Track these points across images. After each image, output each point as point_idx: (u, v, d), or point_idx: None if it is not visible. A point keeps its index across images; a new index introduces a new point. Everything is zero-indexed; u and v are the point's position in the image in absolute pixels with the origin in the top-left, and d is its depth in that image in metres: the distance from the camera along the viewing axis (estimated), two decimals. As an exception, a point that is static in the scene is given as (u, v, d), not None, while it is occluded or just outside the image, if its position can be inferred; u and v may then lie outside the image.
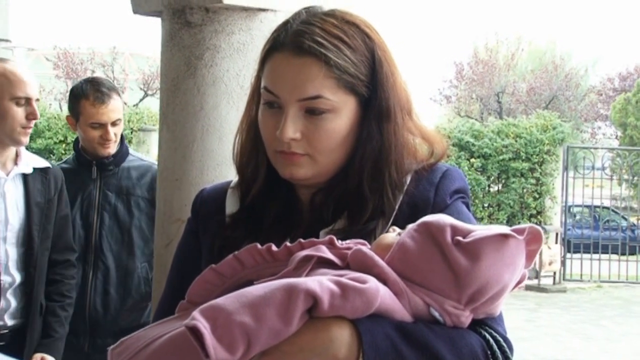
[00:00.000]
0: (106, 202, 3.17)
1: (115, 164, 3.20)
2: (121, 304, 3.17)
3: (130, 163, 3.26)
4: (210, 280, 1.18)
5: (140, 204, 3.21)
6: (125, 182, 3.21)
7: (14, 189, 2.77)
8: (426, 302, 1.10)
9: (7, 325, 2.75)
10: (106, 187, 3.19)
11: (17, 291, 2.77)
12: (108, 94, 3.11)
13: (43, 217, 2.82)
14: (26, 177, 2.80)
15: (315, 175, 1.31)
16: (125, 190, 3.20)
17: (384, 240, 1.17)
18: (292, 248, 1.16)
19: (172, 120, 2.29)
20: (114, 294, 3.16)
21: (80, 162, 3.22)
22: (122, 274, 3.17)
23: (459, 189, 1.35)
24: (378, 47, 1.31)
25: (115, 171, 3.21)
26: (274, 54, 1.29)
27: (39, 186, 2.83)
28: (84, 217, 3.15)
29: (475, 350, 1.13)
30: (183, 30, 2.25)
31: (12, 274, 2.74)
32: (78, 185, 3.17)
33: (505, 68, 24.50)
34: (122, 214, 3.18)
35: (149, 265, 3.21)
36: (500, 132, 14.24)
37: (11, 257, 2.74)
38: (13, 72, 2.68)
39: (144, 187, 3.22)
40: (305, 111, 1.27)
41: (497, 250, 1.10)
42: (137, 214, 3.20)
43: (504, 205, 14.06)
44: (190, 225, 1.46)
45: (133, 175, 3.23)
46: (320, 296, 1.03)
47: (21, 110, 2.68)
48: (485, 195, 14.21)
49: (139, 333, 1.15)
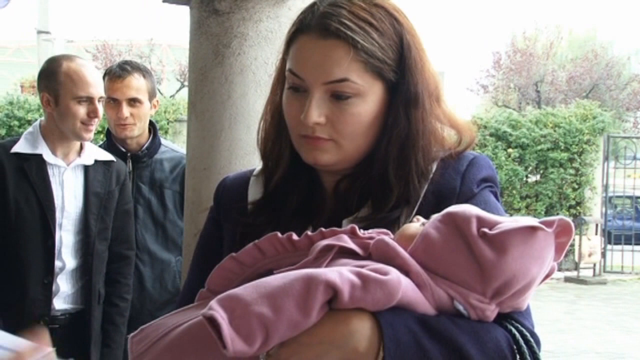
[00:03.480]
0: (140, 196, 3.16)
1: (149, 155, 3.19)
2: (158, 298, 3.17)
3: (163, 155, 3.23)
4: (230, 269, 1.16)
5: (173, 197, 3.19)
6: (158, 175, 3.19)
7: (73, 178, 2.87)
8: (450, 294, 1.07)
9: (59, 308, 2.84)
10: (139, 179, 3.17)
11: (71, 277, 2.85)
12: (129, 71, 3.12)
13: (101, 207, 2.91)
14: (87, 168, 2.90)
15: (340, 161, 1.28)
16: (158, 182, 3.18)
17: (408, 231, 1.13)
18: (313, 237, 1.14)
19: (200, 109, 2.27)
20: (150, 288, 3.15)
21: (113, 153, 3.16)
22: (158, 269, 3.17)
23: (487, 178, 1.30)
24: (407, 31, 1.28)
25: (149, 163, 3.19)
26: (300, 36, 1.27)
27: (100, 177, 2.92)
28: None
29: (501, 345, 1.09)
30: (211, 19, 2.23)
31: (64, 259, 2.82)
32: None
33: (544, 57, 24.13)
34: (156, 208, 3.17)
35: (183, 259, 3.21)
36: (538, 121, 14.03)
37: (65, 244, 2.83)
38: (77, 72, 2.80)
39: (177, 180, 3.19)
40: (330, 95, 1.24)
41: (525, 242, 1.06)
42: (170, 207, 3.18)
43: (542, 196, 13.87)
44: (213, 213, 1.45)
45: (166, 167, 3.21)
46: (340, 287, 1.00)
47: (82, 108, 2.79)
48: (523, 186, 14.02)
49: (158, 321, 1.14)
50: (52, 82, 2.81)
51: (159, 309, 3.15)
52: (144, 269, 3.15)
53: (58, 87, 2.79)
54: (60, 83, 2.79)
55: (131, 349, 1.13)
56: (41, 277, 2.77)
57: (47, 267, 2.78)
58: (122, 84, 3.09)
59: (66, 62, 2.83)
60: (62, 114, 2.80)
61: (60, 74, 2.80)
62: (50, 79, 2.81)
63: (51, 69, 2.83)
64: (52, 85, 2.80)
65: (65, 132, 2.82)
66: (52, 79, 2.81)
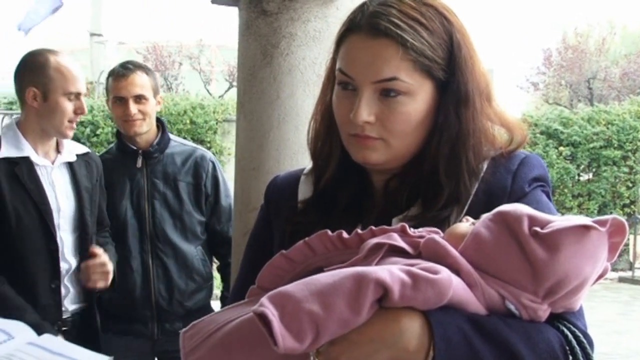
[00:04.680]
0: (155, 191, 3.20)
1: (160, 151, 3.22)
2: (185, 288, 3.21)
3: (173, 149, 3.27)
4: (280, 266, 1.17)
5: (187, 189, 3.23)
6: (170, 169, 3.22)
7: (61, 177, 2.83)
8: (501, 294, 1.06)
9: (68, 310, 2.82)
10: (153, 175, 3.21)
11: (75, 276, 2.83)
12: (132, 70, 3.14)
13: (92, 201, 2.90)
14: (71, 165, 2.87)
15: (389, 159, 1.28)
16: (171, 176, 3.22)
17: (457, 230, 1.13)
18: (363, 235, 1.14)
19: (248, 109, 2.30)
20: (177, 279, 3.19)
21: (124, 152, 3.23)
22: (181, 259, 3.21)
23: (539, 177, 1.29)
24: (456, 30, 1.28)
25: (160, 158, 3.22)
26: (350, 35, 1.28)
27: (84, 172, 2.90)
28: (134, 206, 3.18)
29: (553, 346, 1.07)
30: (259, 19, 2.25)
31: (68, 260, 2.81)
32: (125, 175, 3.20)
33: (596, 53, 23.65)
34: (172, 201, 3.21)
35: (202, 247, 3.26)
36: (590, 119, 13.76)
37: (66, 244, 2.80)
38: (67, 67, 2.73)
39: (188, 172, 3.23)
40: (380, 94, 1.25)
41: (578, 242, 1.04)
42: (185, 199, 3.22)
43: (594, 195, 13.61)
44: (263, 212, 1.47)
45: (177, 160, 3.24)
46: (390, 286, 1.00)
47: (71, 105, 2.73)
48: (575, 185, 13.78)
49: (210, 317, 1.16)
50: (40, 77, 2.70)
51: (187, 299, 3.21)
52: (168, 261, 3.20)
53: (47, 81, 2.69)
54: (50, 78, 2.70)
55: (183, 344, 1.14)
56: (48, 282, 2.72)
57: (53, 271, 2.73)
58: (127, 82, 3.13)
59: (53, 56, 2.73)
60: (51, 110, 2.70)
61: (49, 68, 2.70)
62: (38, 73, 2.70)
63: (38, 63, 2.71)
64: (41, 80, 2.69)
65: (48, 129, 2.74)
66: (40, 73, 2.70)
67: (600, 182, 13.61)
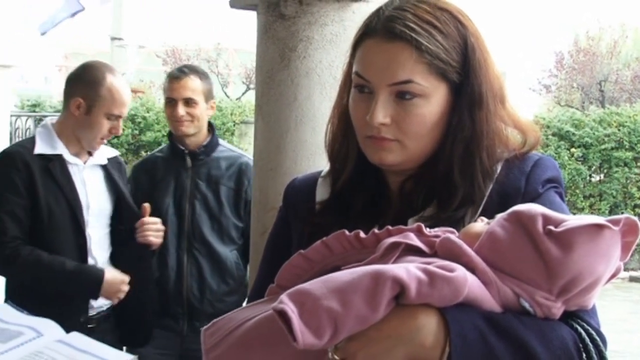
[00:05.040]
0: (197, 191, 3.24)
1: (206, 153, 3.26)
2: (217, 289, 3.23)
3: (220, 153, 3.31)
4: (298, 265, 1.17)
5: (227, 193, 3.26)
6: (215, 172, 3.26)
7: (92, 176, 2.91)
8: (516, 292, 1.06)
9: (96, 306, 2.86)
10: (197, 176, 3.25)
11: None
12: (185, 73, 3.21)
13: (122, 200, 2.97)
14: (104, 166, 2.96)
15: (405, 161, 1.28)
16: (214, 179, 3.25)
17: (473, 229, 1.13)
18: (380, 235, 1.14)
19: (266, 111, 2.30)
20: (209, 279, 3.21)
21: (173, 151, 3.30)
22: (215, 261, 3.23)
23: (552, 178, 1.29)
24: (471, 34, 1.28)
25: (206, 161, 3.26)
26: (366, 39, 1.28)
27: (117, 173, 2.99)
28: (176, 204, 3.23)
29: (567, 343, 1.07)
30: (277, 23, 2.26)
31: (95, 255, 2.86)
32: (171, 173, 3.26)
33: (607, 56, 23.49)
34: (212, 203, 3.24)
35: (238, 252, 3.27)
36: (602, 121, 13.66)
37: (94, 240, 2.86)
38: (118, 91, 2.82)
39: (231, 178, 3.27)
40: (395, 96, 1.25)
41: (591, 240, 1.04)
42: (225, 202, 3.25)
43: (606, 195, 13.51)
44: (282, 213, 1.47)
45: (222, 165, 3.28)
46: (407, 283, 1.00)
47: (108, 124, 2.83)
48: (587, 185, 13.69)
49: (230, 315, 1.16)
50: (90, 91, 2.80)
51: (218, 300, 3.22)
52: (202, 261, 3.22)
53: (96, 98, 2.79)
54: (100, 96, 2.80)
55: (204, 341, 1.15)
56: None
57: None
58: (179, 84, 3.19)
59: (110, 76, 2.83)
60: (90, 124, 2.81)
61: (102, 87, 2.80)
62: (91, 88, 2.80)
63: (94, 79, 2.82)
64: (91, 95, 2.80)
65: (81, 138, 2.84)
66: (93, 89, 2.80)
67: (611, 182, 13.51)
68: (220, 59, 22.04)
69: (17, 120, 10.68)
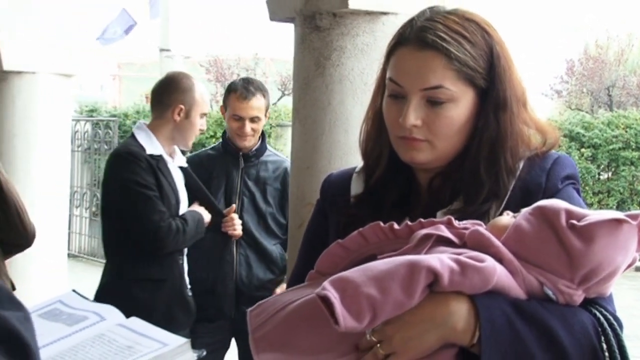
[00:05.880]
0: (246, 189, 3.29)
1: (256, 156, 3.33)
2: (262, 277, 3.28)
3: (267, 157, 3.37)
4: (336, 253, 1.17)
5: (274, 193, 3.31)
6: (263, 174, 3.32)
7: (179, 175, 3.05)
8: (540, 281, 1.05)
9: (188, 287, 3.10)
10: (247, 176, 3.31)
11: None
12: (253, 93, 3.24)
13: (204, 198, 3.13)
14: (183, 168, 3.10)
15: (434, 159, 1.28)
16: (262, 180, 3.31)
17: (500, 222, 1.12)
18: (413, 227, 1.13)
19: (303, 115, 2.30)
20: (256, 268, 3.27)
21: (227, 151, 3.34)
22: (261, 252, 3.29)
23: (570, 175, 1.28)
24: (496, 42, 1.27)
25: (256, 163, 3.33)
26: (400, 48, 1.28)
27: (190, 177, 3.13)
28: (227, 200, 3.28)
29: (587, 327, 1.06)
30: (313, 34, 2.26)
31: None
32: (224, 171, 3.30)
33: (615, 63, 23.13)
34: (259, 201, 3.30)
35: (282, 245, 3.32)
36: (610, 123, 13.48)
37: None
38: (204, 94, 3.05)
39: (278, 180, 3.32)
40: (426, 100, 1.24)
41: (611, 234, 1.03)
42: (271, 201, 3.31)
43: (613, 192, 13.33)
44: (319, 206, 1.47)
45: (270, 168, 3.34)
46: (440, 273, 1.00)
47: (201, 122, 3.03)
48: (595, 183, 13.52)
49: (274, 297, 1.17)
50: (187, 98, 2.98)
51: (262, 287, 3.26)
52: (249, 251, 3.28)
53: (193, 102, 2.98)
54: (195, 100, 2.99)
55: (250, 322, 1.15)
56: (177, 258, 2.98)
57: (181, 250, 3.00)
58: (248, 105, 3.23)
59: (197, 83, 3.04)
60: (189, 125, 2.98)
61: (196, 92, 3.00)
62: (187, 94, 2.99)
63: (186, 86, 3.00)
64: (188, 100, 2.98)
65: (178, 139, 3.00)
66: (188, 94, 2.99)
67: (618, 180, 13.34)
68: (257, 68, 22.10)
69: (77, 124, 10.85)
